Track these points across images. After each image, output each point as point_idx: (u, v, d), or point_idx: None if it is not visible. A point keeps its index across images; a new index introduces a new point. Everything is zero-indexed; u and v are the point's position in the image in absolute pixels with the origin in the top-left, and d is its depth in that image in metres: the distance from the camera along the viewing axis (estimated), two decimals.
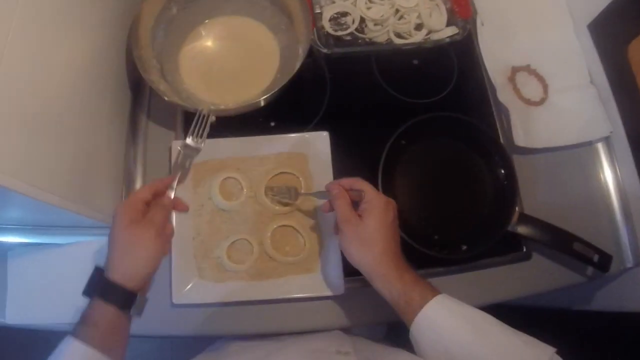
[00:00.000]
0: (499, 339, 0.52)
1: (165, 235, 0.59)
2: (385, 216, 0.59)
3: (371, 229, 0.58)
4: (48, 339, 0.57)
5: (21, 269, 0.74)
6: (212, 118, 0.69)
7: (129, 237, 0.56)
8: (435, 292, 0.56)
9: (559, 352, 0.51)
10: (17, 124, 0.48)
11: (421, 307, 0.53)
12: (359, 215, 0.59)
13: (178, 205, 0.64)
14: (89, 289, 0.56)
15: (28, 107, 0.50)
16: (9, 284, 0.73)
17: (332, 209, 0.63)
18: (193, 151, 0.69)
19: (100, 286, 0.54)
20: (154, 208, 0.60)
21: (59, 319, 0.72)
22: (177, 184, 0.68)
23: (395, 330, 0.59)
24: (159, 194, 0.62)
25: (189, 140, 0.69)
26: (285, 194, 0.71)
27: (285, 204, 0.72)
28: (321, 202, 0.69)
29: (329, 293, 0.69)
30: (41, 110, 0.53)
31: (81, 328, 0.52)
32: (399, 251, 0.60)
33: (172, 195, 0.64)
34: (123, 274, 0.54)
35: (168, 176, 0.66)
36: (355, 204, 0.61)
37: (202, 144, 0.69)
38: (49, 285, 0.73)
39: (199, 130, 0.69)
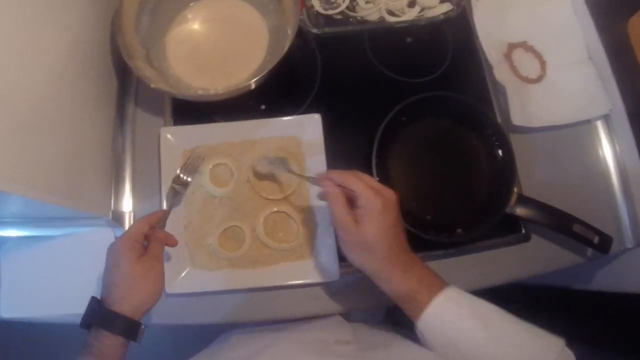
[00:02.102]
0: (508, 333, 0.52)
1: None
2: (384, 220, 0.55)
3: (369, 235, 0.54)
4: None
5: (14, 262, 0.73)
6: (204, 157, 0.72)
7: (139, 271, 0.57)
8: (442, 285, 0.54)
9: (568, 344, 0.50)
10: (1, 123, 0.46)
11: (427, 304, 0.52)
12: (356, 220, 0.55)
13: (170, 240, 0.63)
14: (92, 321, 0.56)
15: (10, 100, 0.48)
16: (2, 277, 0.72)
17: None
18: (183, 186, 0.70)
19: (108, 320, 0.55)
20: (154, 242, 0.61)
21: (53, 311, 0.71)
22: (169, 172, 0.67)
23: (393, 314, 0.59)
24: (153, 227, 0.62)
25: (181, 175, 0.71)
26: (280, 165, 0.69)
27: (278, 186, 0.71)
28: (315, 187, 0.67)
29: (324, 279, 0.68)
30: (24, 103, 0.51)
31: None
32: (403, 247, 0.57)
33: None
34: (132, 307, 0.56)
35: (161, 210, 0.67)
36: (351, 201, 0.57)
37: (191, 179, 0.71)
38: (43, 278, 0.72)
39: (190, 168, 0.70)
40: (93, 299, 0.57)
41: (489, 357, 0.50)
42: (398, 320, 0.69)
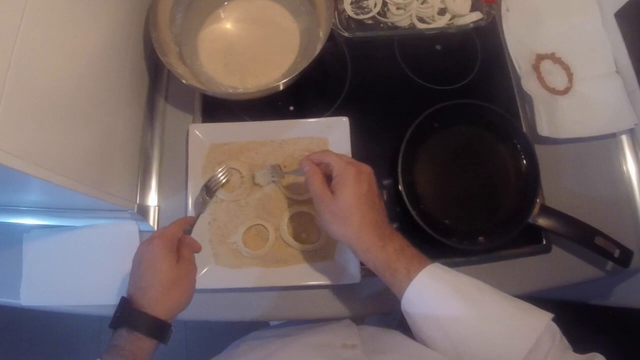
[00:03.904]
0: (493, 309, 0.51)
1: None
2: (358, 186, 0.56)
3: (344, 203, 0.55)
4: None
5: (36, 251, 0.74)
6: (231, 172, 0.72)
7: (177, 274, 0.57)
8: (424, 262, 0.54)
9: (555, 319, 0.49)
10: (33, 109, 0.47)
11: (409, 279, 0.52)
12: (332, 191, 0.57)
13: (196, 247, 0.64)
14: (123, 322, 0.54)
15: (44, 92, 0.49)
16: (24, 265, 0.73)
17: None
18: (211, 196, 0.71)
19: (141, 321, 0.54)
20: (185, 247, 0.61)
21: (72, 301, 0.72)
22: (196, 168, 0.67)
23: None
24: (185, 232, 0.63)
25: (210, 186, 0.71)
26: (273, 174, 0.70)
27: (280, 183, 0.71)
28: None
29: (345, 281, 0.68)
30: (57, 94, 0.52)
31: None
32: (381, 219, 0.57)
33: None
34: (166, 310, 0.55)
35: (190, 216, 0.68)
36: (330, 179, 0.59)
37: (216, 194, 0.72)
38: (63, 268, 0.73)
39: (216, 183, 0.71)
40: (123, 299, 0.56)
41: (474, 335, 0.50)
42: None
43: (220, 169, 0.71)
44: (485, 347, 0.49)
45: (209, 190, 0.70)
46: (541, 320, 0.49)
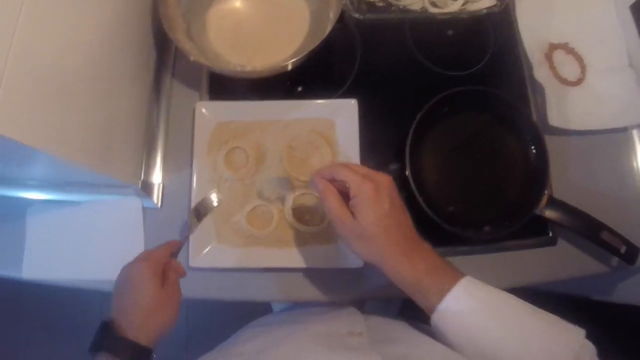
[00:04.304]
0: (527, 327, 0.50)
1: None
2: (379, 205, 0.52)
3: (367, 226, 0.52)
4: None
5: (39, 225, 0.74)
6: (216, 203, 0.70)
7: (161, 299, 0.55)
8: (456, 276, 0.51)
9: (588, 336, 0.48)
10: (38, 82, 0.47)
11: (440, 298, 0.50)
12: (352, 212, 0.53)
13: (181, 271, 0.61)
14: (103, 347, 0.52)
15: (49, 65, 0.49)
16: (26, 239, 0.73)
17: None
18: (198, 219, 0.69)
19: (121, 347, 0.52)
20: (171, 271, 0.59)
21: (73, 275, 0.72)
22: (202, 146, 0.66)
23: (410, 306, 0.58)
24: (172, 255, 0.61)
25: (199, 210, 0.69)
26: (283, 186, 0.68)
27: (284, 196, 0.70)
28: None
29: (347, 265, 0.68)
30: (63, 68, 0.51)
31: None
32: (408, 234, 0.54)
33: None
34: (148, 335, 0.54)
35: (179, 240, 0.64)
36: (346, 195, 0.55)
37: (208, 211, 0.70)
38: (65, 242, 0.73)
39: (207, 208, 0.69)
40: (104, 324, 0.54)
41: (508, 353, 0.49)
42: (414, 309, 0.68)
43: (212, 191, 0.70)
44: None
45: (198, 213, 0.68)
46: (576, 338, 0.48)
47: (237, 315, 0.73)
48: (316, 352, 0.49)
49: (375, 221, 0.52)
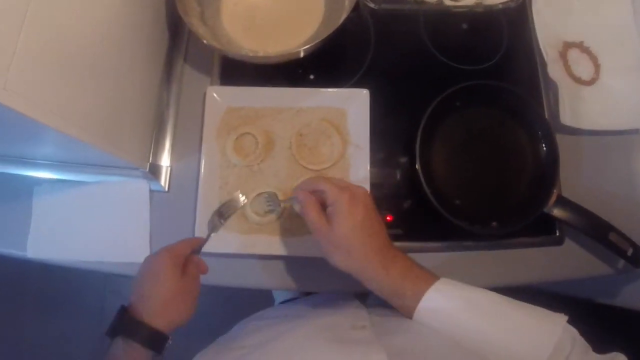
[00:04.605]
0: (507, 318, 0.51)
1: None
2: (353, 215, 0.54)
3: (341, 234, 0.54)
4: None
5: (46, 205, 0.74)
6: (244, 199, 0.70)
7: (179, 289, 0.57)
8: (431, 279, 0.53)
9: (569, 321, 0.49)
10: (50, 59, 0.47)
11: (417, 300, 0.52)
12: (328, 221, 0.55)
13: (202, 267, 0.63)
14: (121, 331, 0.54)
15: (62, 43, 0.49)
16: (32, 218, 0.73)
17: None
18: (224, 219, 0.69)
19: (138, 331, 0.54)
20: (192, 265, 0.61)
21: (78, 256, 0.72)
22: (211, 131, 0.65)
23: None
24: (194, 251, 0.63)
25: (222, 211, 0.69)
26: (269, 202, 0.68)
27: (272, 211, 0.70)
28: None
29: None
30: (76, 47, 0.51)
31: None
32: (382, 242, 0.56)
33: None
34: (165, 322, 0.55)
35: (200, 237, 0.66)
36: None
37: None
38: (71, 222, 0.73)
39: (231, 209, 0.69)
40: (122, 308, 0.56)
41: (490, 347, 0.49)
42: None
43: (237, 193, 0.70)
44: (504, 358, 0.49)
45: (221, 215, 0.68)
46: (557, 324, 0.49)
47: (238, 309, 0.73)
48: (319, 345, 0.49)
49: (350, 230, 0.54)
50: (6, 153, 0.70)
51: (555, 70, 0.76)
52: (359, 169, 0.70)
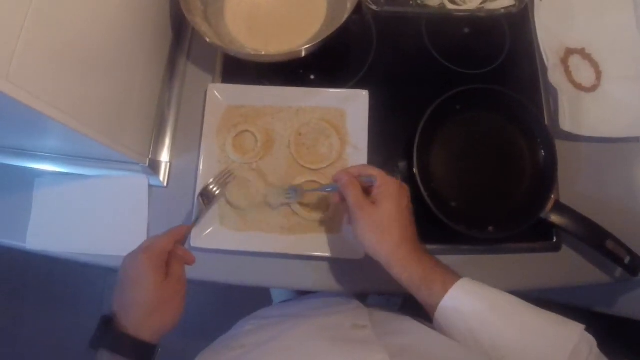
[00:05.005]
0: (526, 321, 0.51)
1: None
2: (400, 201, 0.56)
3: (387, 215, 0.55)
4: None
5: (46, 197, 0.74)
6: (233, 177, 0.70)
7: (163, 295, 0.52)
8: (456, 276, 0.54)
9: (587, 329, 0.49)
10: (55, 53, 0.48)
11: (444, 292, 0.52)
12: (372, 203, 0.57)
13: (189, 259, 0.58)
14: (104, 344, 0.50)
15: (66, 37, 0.49)
16: (32, 210, 0.74)
17: (343, 198, 0.59)
18: (210, 199, 0.67)
19: (123, 345, 0.50)
20: (176, 262, 0.56)
21: (76, 249, 0.73)
22: (211, 129, 0.65)
23: (411, 302, 0.58)
24: (177, 243, 0.58)
25: (210, 187, 0.67)
26: (288, 195, 0.68)
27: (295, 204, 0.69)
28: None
29: (348, 256, 0.68)
30: (80, 42, 0.52)
31: None
32: (415, 236, 0.58)
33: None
34: (151, 332, 0.51)
35: (185, 225, 0.62)
36: (367, 192, 0.59)
37: (218, 193, 0.68)
38: (71, 215, 0.74)
39: (221, 182, 0.68)
40: (104, 318, 0.52)
41: (509, 347, 0.50)
42: (415, 305, 0.68)
43: (221, 172, 0.68)
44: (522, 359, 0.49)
45: (206, 196, 0.66)
46: (575, 331, 0.49)
47: (234, 304, 0.73)
48: (320, 344, 0.49)
49: (395, 212, 0.55)
50: (8, 145, 0.71)
51: (556, 76, 0.76)
52: None
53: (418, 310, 0.62)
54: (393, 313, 0.61)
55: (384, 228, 0.55)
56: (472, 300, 0.52)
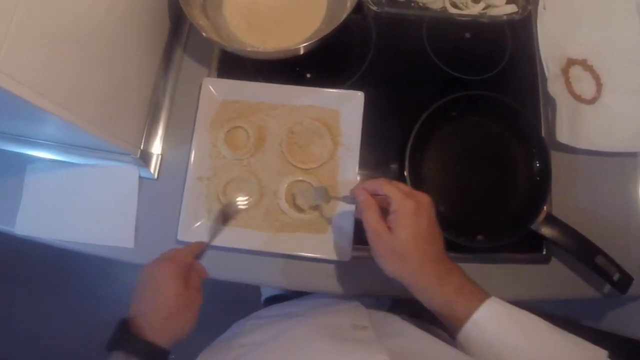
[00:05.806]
0: (552, 345, 0.50)
1: None
2: (418, 223, 0.53)
3: (403, 242, 0.53)
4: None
5: (37, 183, 0.74)
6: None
7: (183, 302, 0.55)
8: (482, 296, 0.52)
9: (610, 356, 0.49)
10: (50, 43, 0.47)
11: (467, 317, 0.50)
12: (389, 227, 0.54)
13: (203, 273, 0.61)
14: (121, 347, 0.51)
15: (60, 25, 0.49)
16: (23, 195, 0.74)
17: None
18: (233, 215, 0.68)
19: (139, 348, 0.51)
20: (194, 274, 0.59)
21: (64, 236, 0.73)
22: (204, 123, 0.65)
23: (400, 303, 0.57)
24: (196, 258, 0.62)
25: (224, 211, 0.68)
26: (318, 197, 0.67)
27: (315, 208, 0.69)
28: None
29: (334, 257, 0.67)
30: (74, 31, 0.51)
31: None
32: (440, 254, 0.55)
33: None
34: (168, 338, 0.53)
35: (202, 242, 0.65)
36: (385, 211, 0.56)
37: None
38: (61, 203, 0.74)
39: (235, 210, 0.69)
40: (123, 321, 0.53)
41: None
42: (404, 307, 0.67)
43: (241, 196, 0.69)
44: None
45: (225, 217, 0.67)
46: (600, 357, 0.48)
47: (226, 300, 0.73)
48: (320, 344, 0.48)
49: (411, 238, 0.53)
50: (0, 130, 0.70)
51: (555, 86, 0.75)
52: (348, 171, 0.70)
53: (406, 311, 0.62)
54: (391, 315, 0.61)
55: (401, 255, 0.53)
56: (497, 322, 0.51)
